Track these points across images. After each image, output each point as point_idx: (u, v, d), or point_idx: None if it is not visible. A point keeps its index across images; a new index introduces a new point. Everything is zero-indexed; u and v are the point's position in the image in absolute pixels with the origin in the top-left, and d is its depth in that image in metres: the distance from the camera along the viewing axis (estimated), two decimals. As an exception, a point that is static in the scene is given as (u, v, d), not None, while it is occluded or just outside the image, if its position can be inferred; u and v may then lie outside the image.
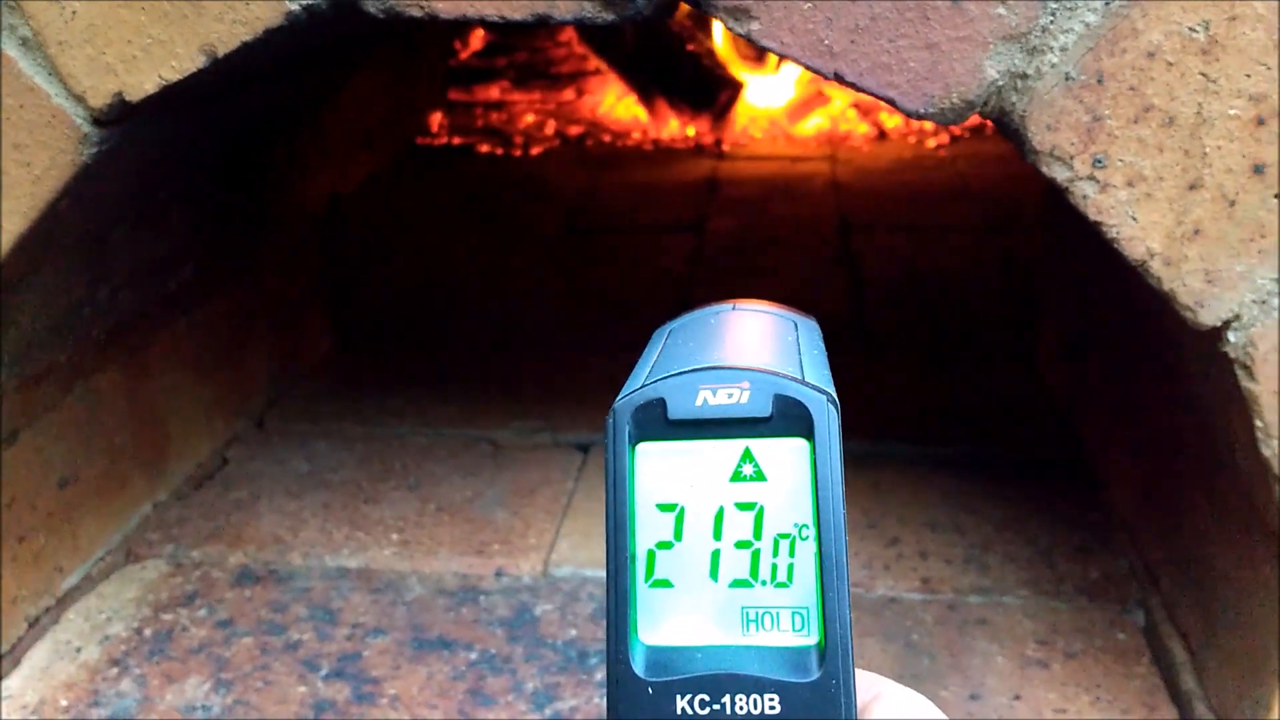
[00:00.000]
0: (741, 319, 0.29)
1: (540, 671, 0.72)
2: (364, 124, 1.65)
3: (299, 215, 1.17)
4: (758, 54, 2.19)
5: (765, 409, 0.24)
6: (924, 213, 1.67)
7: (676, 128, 2.14)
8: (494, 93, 2.38)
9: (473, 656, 0.74)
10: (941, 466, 0.97)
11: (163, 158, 0.76)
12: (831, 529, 0.24)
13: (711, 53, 2.13)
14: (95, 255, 0.75)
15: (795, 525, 0.24)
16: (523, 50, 2.37)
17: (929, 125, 2.13)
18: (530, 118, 2.27)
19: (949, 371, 1.15)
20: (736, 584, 0.24)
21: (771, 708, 0.23)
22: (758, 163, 1.98)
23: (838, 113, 2.17)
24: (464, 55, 2.32)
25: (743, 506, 0.24)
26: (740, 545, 0.24)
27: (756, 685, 0.24)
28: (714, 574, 0.24)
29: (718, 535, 0.24)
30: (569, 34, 2.28)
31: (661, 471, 0.24)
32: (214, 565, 0.85)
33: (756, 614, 0.24)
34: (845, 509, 0.24)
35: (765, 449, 0.24)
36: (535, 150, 2.10)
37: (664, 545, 0.24)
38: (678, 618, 0.24)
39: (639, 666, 0.24)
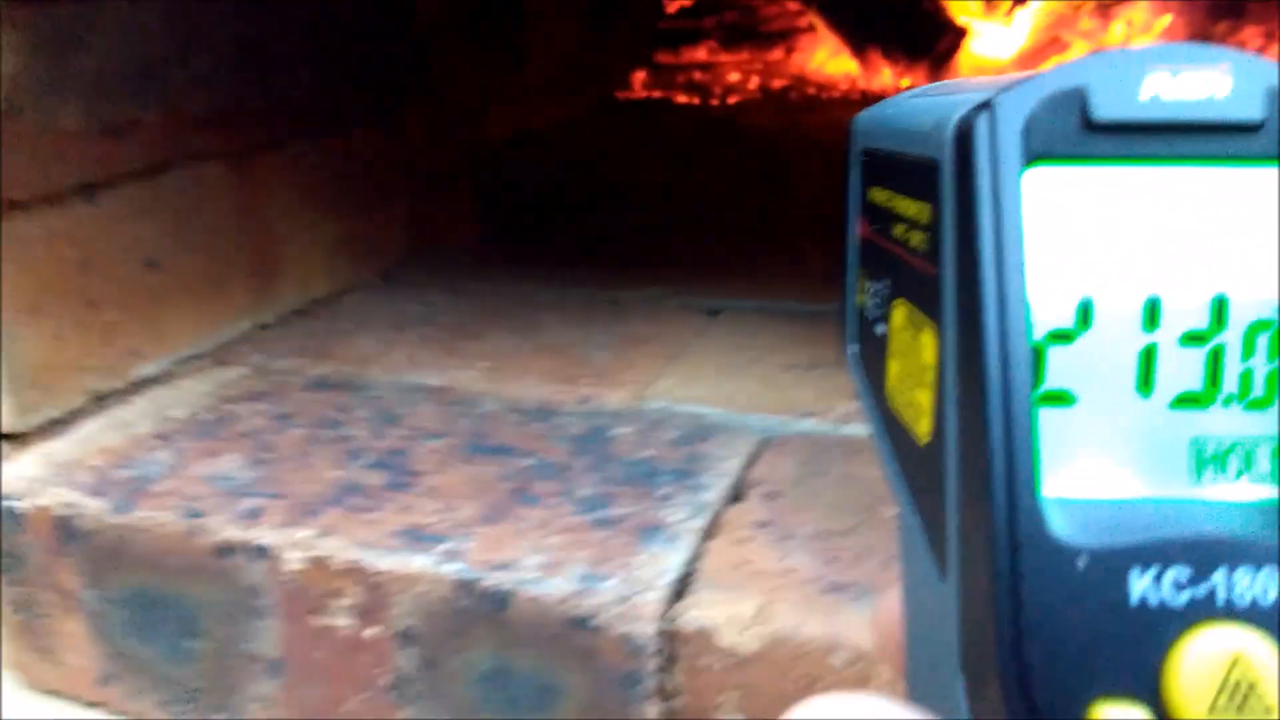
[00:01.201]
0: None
1: (599, 481, 0.61)
2: (557, 70, 1.63)
3: (453, 110, 1.12)
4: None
5: (1254, 110, 0.15)
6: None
7: (889, 78, 1.99)
8: (700, 54, 2.31)
9: (529, 463, 0.63)
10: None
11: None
12: None
13: (933, -2, 1.97)
14: (184, 8, 0.72)
15: None
16: (733, 9, 2.29)
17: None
18: (735, 76, 2.19)
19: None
20: (1182, 402, 0.16)
21: None
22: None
23: (1075, 64, 1.95)
24: (671, 9, 2.26)
25: (1193, 277, 0.16)
26: (1189, 340, 0.16)
27: (1266, 554, 0.14)
28: (1145, 385, 0.16)
29: (1152, 324, 0.16)
30: (783, -11, 2.18)
31: (1063, 216, 0.15)
32: (294, 374, 0.79)
33: (1217, 449, 0.16)
34: None
35: (1235, 183, 0.15)
36: (733, 100, 2.01)
37: (1062, 338, 0.16)
38: (1085, 454, 0.16)
39: (1057, 526, 0.14)
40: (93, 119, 0.68)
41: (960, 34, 1.95)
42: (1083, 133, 0.15)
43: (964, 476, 0.15)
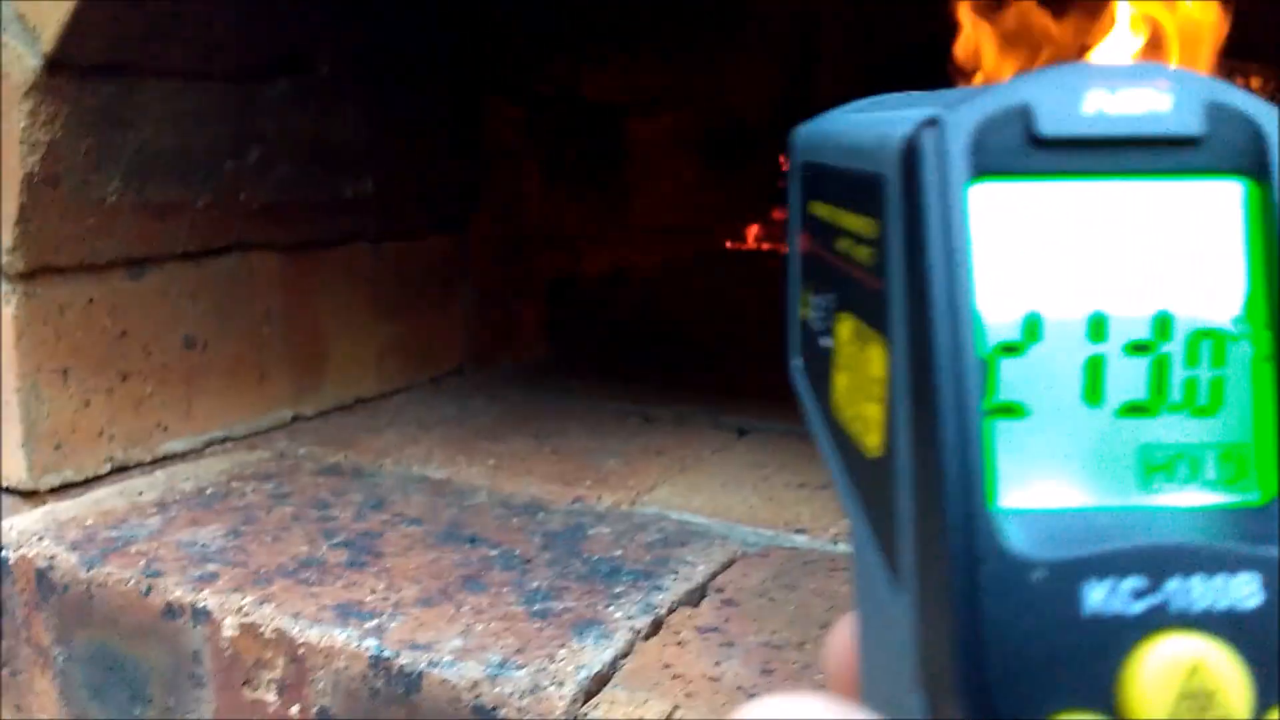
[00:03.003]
0: None
1: (555, 575, 0.58)
2: (662, 216, 1.67)
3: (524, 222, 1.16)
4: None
5: (1193, 125, 0.16)
6: None
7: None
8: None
9: (493, 553, 0.61)
10: None
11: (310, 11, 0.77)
12: None
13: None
14: (239, 102, 0.77)
15: (1227, 318, 0.16)
16: (854, 168, 2.31)
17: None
18: (852, 232, 2.19)
19: None
20: (1129, 411, 0.16)
21: (1247, 596, 0.15)
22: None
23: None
24: (786, 168, 2.30)
25: (1139, 289, 0.16)
26: (1134, 349, 0.16)
27: (1219, 561, 0.15)
28: (1093, 395, 0.16)
29: (1098, 335, 0.16)
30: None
31: (1010, 230, 0.16)
32: (310, 460, 0.80)
33: (1165, 457, 0.16)
34: None
35: (1180, 195, 0.16)
36: (844, 252, 2.01)
37: (1011, 350, 0.16)
38: (1038, 465, 0.16)
39: (1012, 539, 0.15)
40: (137, 197, 0.73)
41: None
42: (1028, 148, 0.16)
43: (918, 490, 0.15)
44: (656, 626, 0.52)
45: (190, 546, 0.63)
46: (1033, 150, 0.16)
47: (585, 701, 0.46)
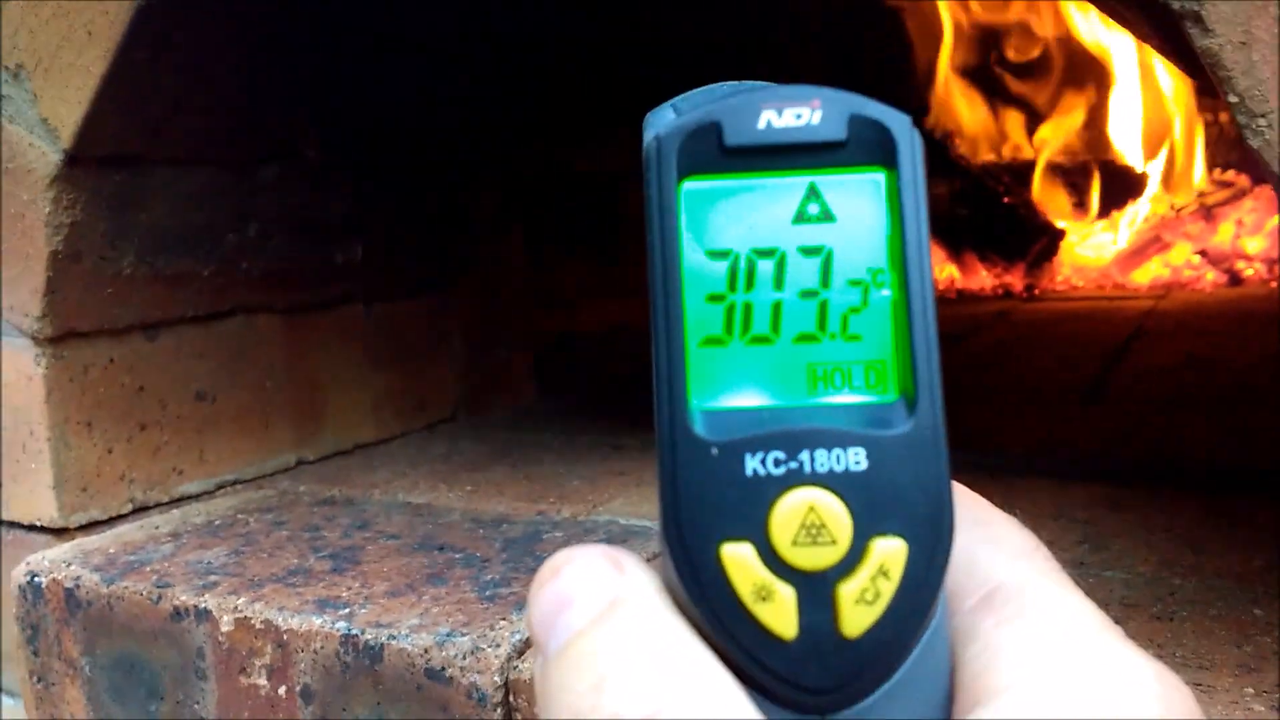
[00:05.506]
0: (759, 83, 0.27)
1: (508, 569, 0.66)
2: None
3: (509, 280, 1.26)
4: (1081, 202, 2.04)
5: (840, 132, 0.21)
6: (1240, 324, 1.41)
7: (986, 279, 2.02)
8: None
9: (457, 556, 0.69)
10: (1130, 483, 0.77)
11: (297, 87, 0.88)
12: (917, 273, 0.21)
13: (1029, 203, 2.02)
14: (236, 184, 0.88)
15: (869, 270, 0.22)
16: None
17: (1297, 270, 1.82)
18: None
19: (1172, 419, 0.93)
20: (801, 339, 0.22)
21: (856, 462, 0.21)
22: (1065, 302, 1.81)
23: (1180, 260, 1.93)
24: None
25: (808, 251, 0.22)
26: (805, 295, 0.22)
27: (839, 439, 0.21)
28: (775, 329, 0.22)
29: (779, 285, 0.22)
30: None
31: (713, 212, 0.22)
32: (308, 495, 0.89)
33: (825, 371, 0.22)
34: (930, 254, 0.22)
35: (835, 183, 0.22)
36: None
37: (716, 298, 0.22)
38: (736, 379, 0.22)
39: (699, 428, 0.21)
40: (150, 269, 0.84)
41: (1057, 235, 1.98)
42: (720, 155, 0.21)
43: (654, 393, 0.21)
44: (586, 601, 0.60)
45: (197, 564, 0.72)
46: (724, 156, 0.21)
47: (517, 659, 0.54)
